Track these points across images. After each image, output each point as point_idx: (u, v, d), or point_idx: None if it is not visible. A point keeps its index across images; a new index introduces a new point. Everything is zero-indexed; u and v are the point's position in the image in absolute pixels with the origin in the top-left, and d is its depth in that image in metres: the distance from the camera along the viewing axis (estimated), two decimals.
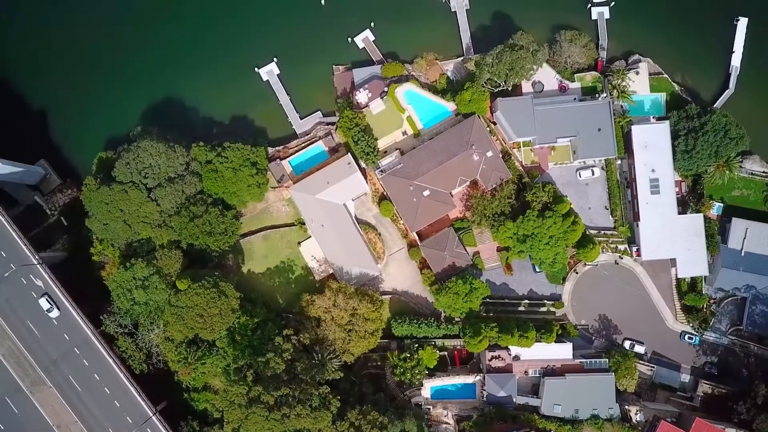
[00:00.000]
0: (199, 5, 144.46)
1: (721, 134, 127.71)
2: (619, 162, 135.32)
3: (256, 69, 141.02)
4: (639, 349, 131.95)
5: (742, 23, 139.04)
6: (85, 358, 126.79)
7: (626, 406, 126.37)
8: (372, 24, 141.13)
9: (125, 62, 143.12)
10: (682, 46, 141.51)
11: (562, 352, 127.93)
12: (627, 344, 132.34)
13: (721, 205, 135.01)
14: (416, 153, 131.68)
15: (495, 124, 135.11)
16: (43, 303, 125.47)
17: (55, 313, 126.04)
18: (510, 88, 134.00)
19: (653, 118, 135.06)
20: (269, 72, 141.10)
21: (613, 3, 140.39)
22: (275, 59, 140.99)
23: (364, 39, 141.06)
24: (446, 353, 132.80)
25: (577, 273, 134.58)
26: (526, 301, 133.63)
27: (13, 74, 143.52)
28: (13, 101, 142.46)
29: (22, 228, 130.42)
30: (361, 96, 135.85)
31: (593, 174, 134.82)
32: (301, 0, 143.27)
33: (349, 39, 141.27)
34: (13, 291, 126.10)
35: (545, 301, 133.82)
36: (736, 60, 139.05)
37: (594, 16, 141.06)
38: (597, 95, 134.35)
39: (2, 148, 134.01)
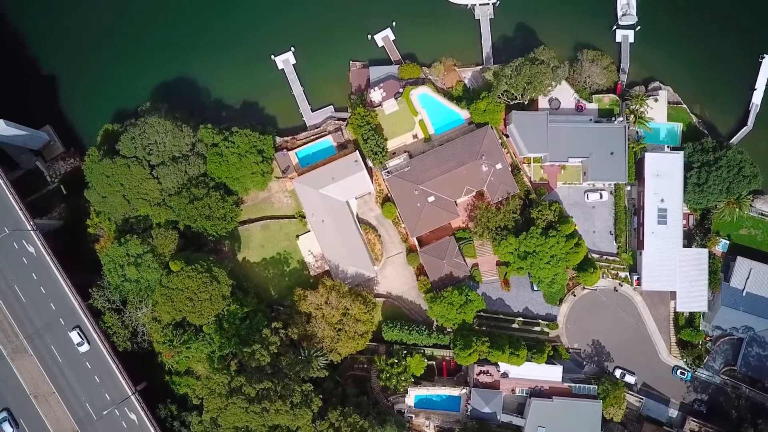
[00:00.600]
0: None
1: (734, 171, 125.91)
2: (628, 188, 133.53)
3: (272, 56, 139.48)
4: (629, 379, 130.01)
5: (767, 62, 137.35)
6: (69, 330, 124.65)
7: None
8: (393, 23, 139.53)
9: (143, 37, 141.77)
10: (704, 78, 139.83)
11: (551, 374, 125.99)
12: (618, 373, 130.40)
13: (728, 242, 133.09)
14: (425, 158, 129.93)
15: (507, 136, 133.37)
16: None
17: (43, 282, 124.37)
18: (526, 102, 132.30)
19: (668, 147, 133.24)
20: (285, 61, 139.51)
21: (638, 27, 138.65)
22: (293, 48, 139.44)
23: (384, 37, 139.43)
24: (434, 363, 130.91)
25: (574, 296, 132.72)
26: (521, 318, 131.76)
27: (29, 36, 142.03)
28: (26, 63, 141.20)
29: (20, 192, 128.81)
30: (375, 95, 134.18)
31: (601, 197, 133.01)
32: None
33: (369, 36, 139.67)
34: (4, 255, 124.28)
35: (540, 320, 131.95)
36: (757, 97, 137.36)
37: (618, 39, 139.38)
38: (613, 118, 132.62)
39: (8, 109, 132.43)
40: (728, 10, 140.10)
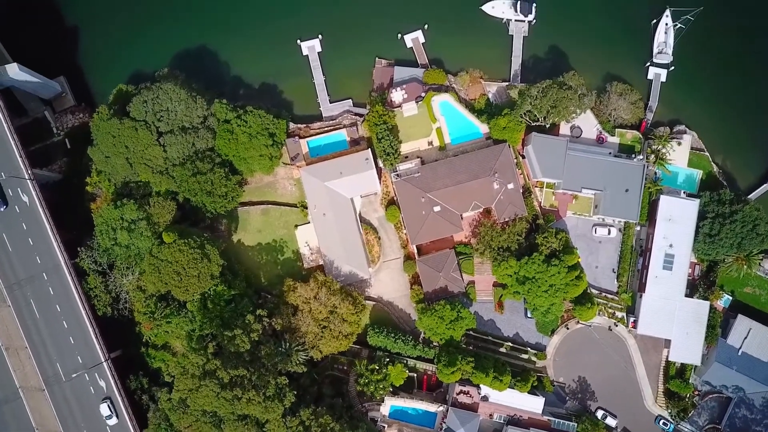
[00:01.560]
0: None
1: (749, 227, 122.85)
2: (638, 228, 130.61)
3: (298, 41, 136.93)
4: (611, 421, 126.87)
5: None
6: (51, 286, 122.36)
7: None
8: (426, 26, 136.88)
9: (175, 2, 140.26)
10: (731, 129, 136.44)
11: (532, 404, 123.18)
12: (600, 413, 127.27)
13: (730, 298, 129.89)
14: (437, 166, 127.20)
15: (523, 157, 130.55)
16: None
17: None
18: (547, 126, 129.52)
19: (684, 192, 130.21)
20: (311, 47, 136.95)
21: (672, 68, 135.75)
22: (320, 36, 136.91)
23: (414, 39, 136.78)
24: (415, 375, 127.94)
25: (567, 329, 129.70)
26: (510, 344, 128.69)
27: None
28: (52, 11, 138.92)
29: (24, 139, 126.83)
30: (397, 95, 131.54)
31: (609, 233, 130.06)
32: None
33: (399, 35, 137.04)
34: None
35: (529, 348, 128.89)
36: None
37: (650, 76, 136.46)
38: (633, 155, 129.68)
39: (25, 54, 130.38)
40: (765, 65, 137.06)
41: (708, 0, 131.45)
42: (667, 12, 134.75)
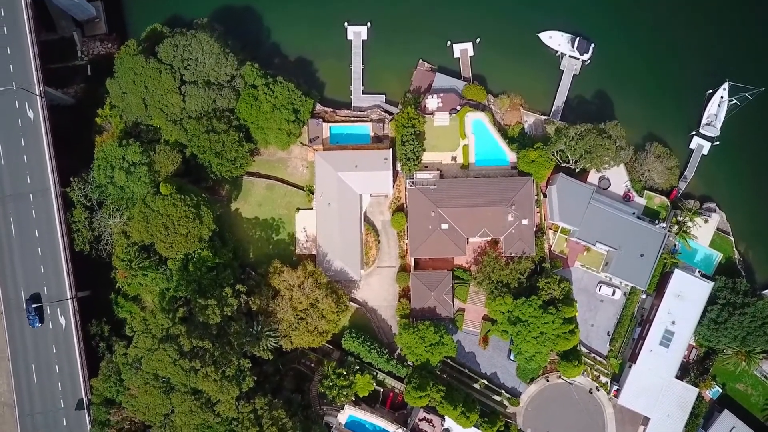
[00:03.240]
0: None
1: (758, 323, 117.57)
2: (644, 296, 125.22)
3: (346, 24, 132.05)
4: None
5: None
6: (35, 209, 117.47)
7: None
8: (478, 40, 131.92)
9: None
10: (763, 219, 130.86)
11: None
12: None
13: (720, 390, 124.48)
14: (455, 183, 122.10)
15: (545, 196, 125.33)
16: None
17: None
18: (577, 170, 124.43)
19: (698, 272, 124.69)
20: (357, 33, 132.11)
21: (717, 142, 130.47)
22: (369, 24, 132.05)
23: (462, 50, 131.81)
24: (382, 390, 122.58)
25: (547, 381, 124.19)
26: (485, 381, 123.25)
27: None
28: None
29: (45, 55, 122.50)
30: (432, 102, 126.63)
31: (613, 294, 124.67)
32: None
33: (449, 43, 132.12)
34: (1, 109, 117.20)
35: (503, 391, 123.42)
36: None
37: (692, 145, 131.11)
38: (657, 221, 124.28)
39: None
40: None
41: None
42: (725, 85, 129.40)
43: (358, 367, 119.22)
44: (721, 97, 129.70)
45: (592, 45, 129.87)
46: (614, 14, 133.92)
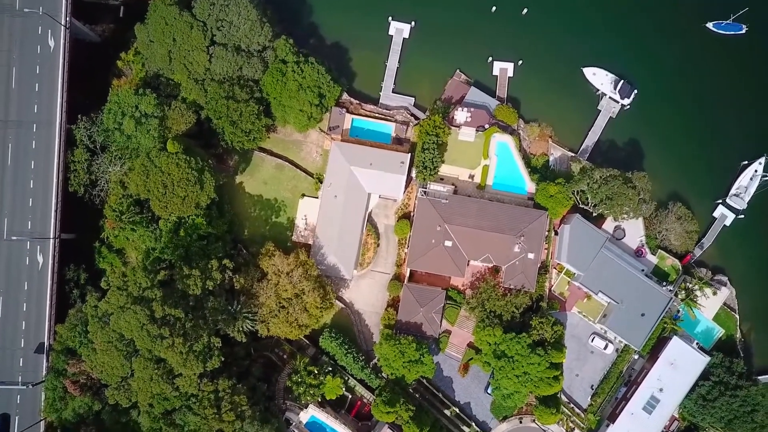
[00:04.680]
0: None
1: (747, 409, 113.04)
2: (636, 356, 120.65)
3: (390, 18, 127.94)
4: None
5: None
6: (36, 140, 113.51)
7: None
8: (520, 62, 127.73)
9: None
10: None
11: None
12: None
13: None
14: (467, 202, 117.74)
15: (556, 234, 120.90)
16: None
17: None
18: (594, 214, 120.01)
19: (697, 343, 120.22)
20: (399, 30, 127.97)
21: (742, 216, 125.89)
22: (413, 23, 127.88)
23: (502, 69, 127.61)
24: (350, 396, 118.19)
25: (520, 422, 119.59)
26: (457, 410, 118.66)
27: None
28: None
29: None
30: (461, 115, 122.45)
31: (605, 348, 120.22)
32: None
33: (490, 59, 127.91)
34: (24, 32, 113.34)
35: (473, 424, 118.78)
36: None
37: (716, 214, 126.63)
38: (665, 284, 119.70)
39: None
40: None
41: None
42: (762, 160, 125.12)
43: (330, 369, 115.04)
44: (755, 171, 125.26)
45: (635, 91, 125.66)
46: (663, 66, 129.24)
